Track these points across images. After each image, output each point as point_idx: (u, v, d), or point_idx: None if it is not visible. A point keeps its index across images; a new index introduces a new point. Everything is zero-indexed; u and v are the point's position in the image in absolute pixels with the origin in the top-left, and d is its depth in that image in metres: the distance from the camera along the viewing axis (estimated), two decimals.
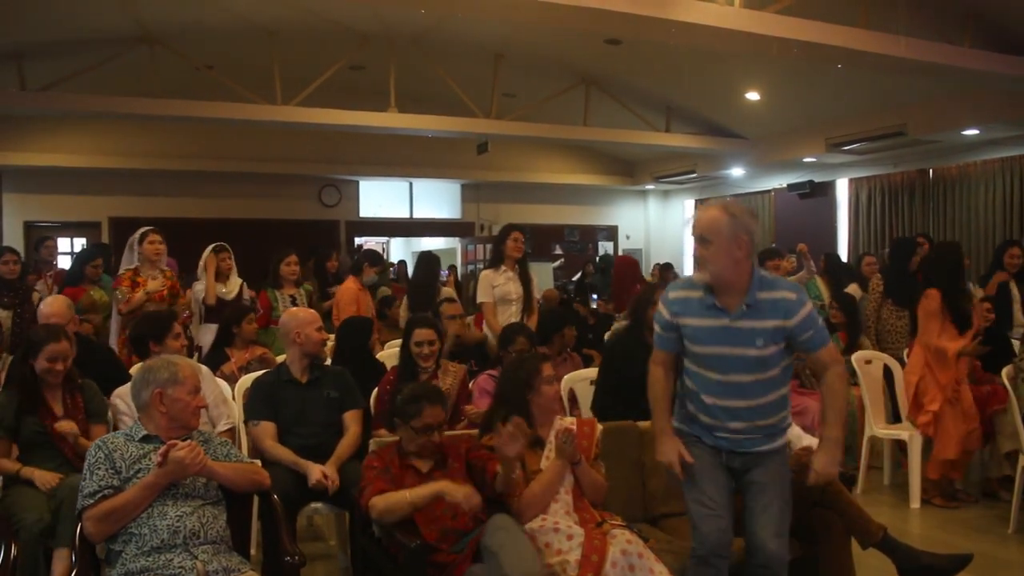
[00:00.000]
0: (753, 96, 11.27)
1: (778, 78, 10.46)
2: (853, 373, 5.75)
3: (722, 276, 3.05)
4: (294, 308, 4.53)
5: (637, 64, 10.86)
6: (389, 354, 5.81)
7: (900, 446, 5.95)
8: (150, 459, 2.81)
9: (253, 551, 3.20)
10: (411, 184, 15.06)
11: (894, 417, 6.01)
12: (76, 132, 12.27)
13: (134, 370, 4.11)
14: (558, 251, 15.89)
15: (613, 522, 3.29)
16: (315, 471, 3.84)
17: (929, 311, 5.43)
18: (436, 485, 3.23)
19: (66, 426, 3.72)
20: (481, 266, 11.43)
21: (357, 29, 10.22)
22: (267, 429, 4.09)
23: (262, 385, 4.30)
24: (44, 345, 3.77)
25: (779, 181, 13.53)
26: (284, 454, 3.99)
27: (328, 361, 4.81)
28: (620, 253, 15.93)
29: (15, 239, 12.49)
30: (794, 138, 11.96)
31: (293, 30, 10.11)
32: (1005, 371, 5.14)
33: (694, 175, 14.32)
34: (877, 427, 5.83)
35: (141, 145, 12.60)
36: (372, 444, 3.69)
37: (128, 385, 4.00)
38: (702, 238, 3.06)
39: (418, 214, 15.24)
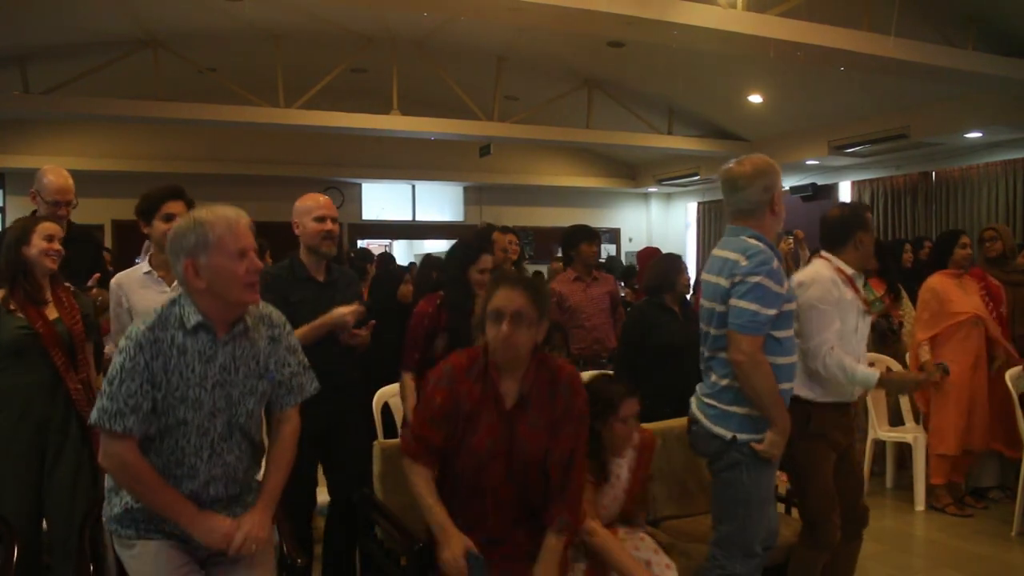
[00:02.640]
0: (756, 99, 11.27)
1: (781, 80, 10.45)
2: None
3: None
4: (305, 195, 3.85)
5: (640, 66, 10.86)
6: None
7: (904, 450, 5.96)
8: (196, 356, 2.31)
9: None
10: (414, 187, 15.07)
11: (896, 419, 6.01)
12: (80, 135, 12.28)
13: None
14: (559, 254, 15.84)
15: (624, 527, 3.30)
16: None
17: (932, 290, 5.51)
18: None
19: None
20: None
21: (359, 32, 10.23)
22: None
23: (275, 279, 3.58)
24: (39, 222, 3.38)
25: (783, 184, 13.51)
26: None
27: None
28: (622, 256, 15.94)
29: None
30: (797, 140, 11.94)
31: (295, 33, 10.13)
32: (1009, 373, 5.12)
33: (697, 178, 14.31)
34: (881, 430, 5.82)
35: (144, 148, 12.61)
36: (377, 446, 3.47)
37: (130, 271, 3.60)
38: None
39: (420, 217, 15.24)
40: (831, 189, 12.96)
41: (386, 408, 4.47)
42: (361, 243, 14.77)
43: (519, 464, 2.72)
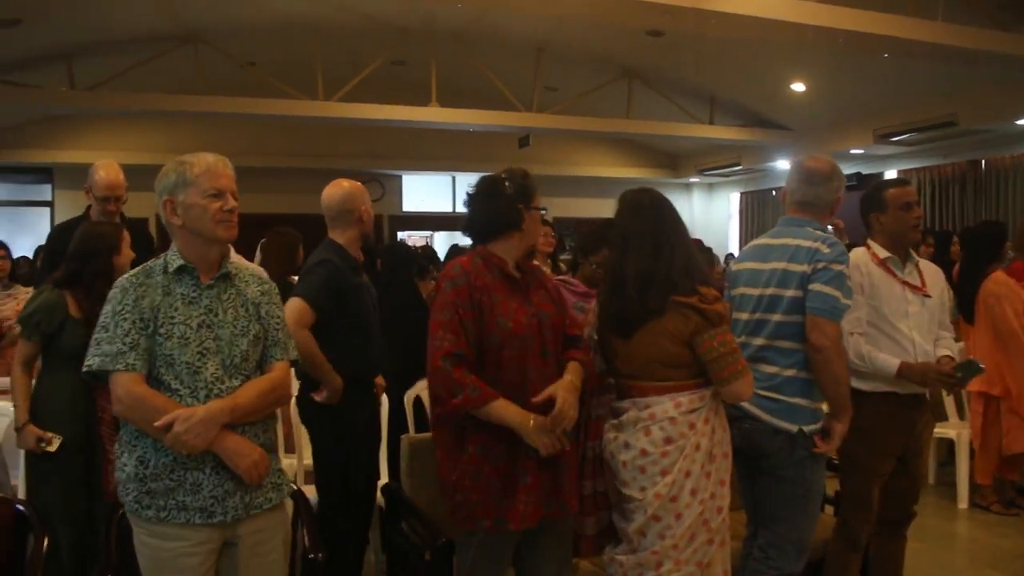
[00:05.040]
0: (799, 87, 11.08)
1: (824, 68, 10.27)
2: None
3: None
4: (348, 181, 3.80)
5: (680, 56, 10.74)
6: None
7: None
8: (179, 298, 2.36)
9: None
10: (454, 178, 15.08)
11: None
12: (126, 129, 12.45)
13: None
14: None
15: None
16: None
17: (998, 294, 5.23)
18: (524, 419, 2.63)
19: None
20: None
21: (397, 24, 10.25)
22: (305, 315, 3.37)
23: (336, 269, 3.52)
24: (122, 230, 3.41)
25: None
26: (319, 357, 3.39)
27: None
28: None
29: None
30: (841, 130, 11.74)
31: (334, 26, 10.16)
32: None
33: (739, 168, 14.14)
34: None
35: (187, 142, 12.48)
36: (405, 441, 3.46)
37: None
38: None
39: (461, 208, 15.17)
40: (876, 179, 12.71)
41: (418, 403, 4.47)
42: (401, 235, 14.84)
43: (549, 333, 2.79)
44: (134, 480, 2.32)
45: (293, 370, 2.66)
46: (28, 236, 12.24)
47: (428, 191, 14.99)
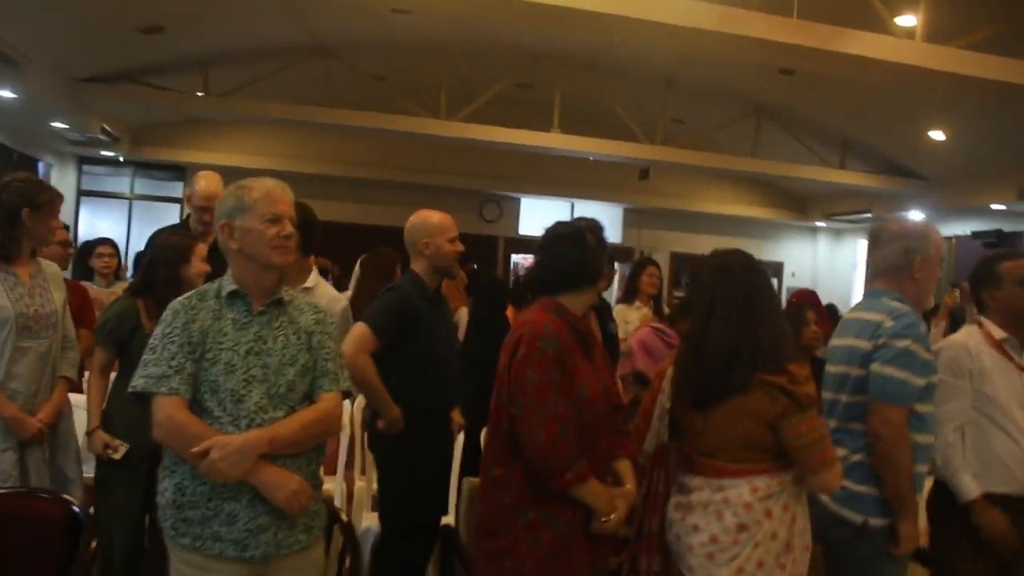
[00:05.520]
0: (937, 135, 10.53)
1: (967, 116, 9.72)
2: None
3: None
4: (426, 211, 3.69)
5: (812, 96, 10.40)
6: None
7: None
8: (230, 323, 2.34)
9: None
10: (572, 205, 14.99)
11: None
12: (255, 135, 12.92)
13: None
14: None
15: None
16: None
17: None
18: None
19: None
20: None
21: (526, 48, 10.25)
22: (367, 342, 3.34)
23: (408, 300, 3.48)
24: (197, 242, 3.46)
25: (963, 228, 12.58)
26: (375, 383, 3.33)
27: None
28: (783, 292, 15.31)
29: None
30: (981, 182, 11.07)
31: (462, 46, 10.27)
32: None
33: (869, 215, 13.55)
34: None
35: (314, 150, 13.10)
36: (467, 483, 3.29)
37: None
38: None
39: None
40: (1018, 238, 11.94)
41: None
42: (516, 258, 14.84)
43: (611, 400, 2.68)
44: (172, 507, 2.30)
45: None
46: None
47: (546, 215, 14.92)
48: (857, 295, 14.79)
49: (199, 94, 10.40)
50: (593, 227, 2.71)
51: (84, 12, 7.97)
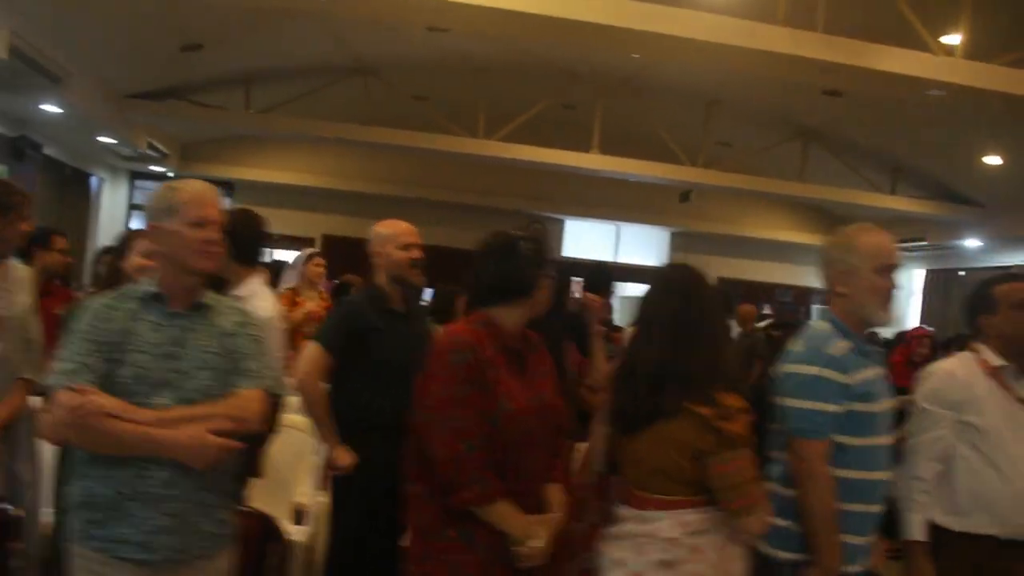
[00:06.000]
0: (994, 160, 10.14)
1: (1022, 140, 9.36)
2: None
3: None
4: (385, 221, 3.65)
5: (861, 119, 10.12)
6: None
7: None
8: (147, 325, 2.27)
9: None
10: (618, 228, 14.82)
11: None
12: (298, 152, 13.03)
13: None
14: (767, 311, 15.04)
15: None
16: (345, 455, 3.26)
17: None
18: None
19: None
20: None
21: (566, 68, 10.17)
22: (318, 360, 3.33)
23: (352, 311, 3.48)
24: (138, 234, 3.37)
25: (1022, 258, 12.11)
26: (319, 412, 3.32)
27: None
28: None
29: None
30: None
31: (501, 65, 10.23)
32: None
33: (924, 243, 13.11)
34: None
35: (355, 168, 13.17)
36: None
37: None
38: (894, 266, 2.62)
39: (623, 259, 14.94)
40: None
41: None
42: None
43: (548, 417, 2.50)
44: (80, 508, 2.23)
45: None
46: None
47: (591, 238, 14.78)
48: (910, 326, 14.33)
49: (246, 112, 10.52)
50: (531, 235, 2.55)
51: (126, 29, 8.08)
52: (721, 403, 2.26)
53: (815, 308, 15.38)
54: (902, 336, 8.13)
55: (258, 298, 3.34)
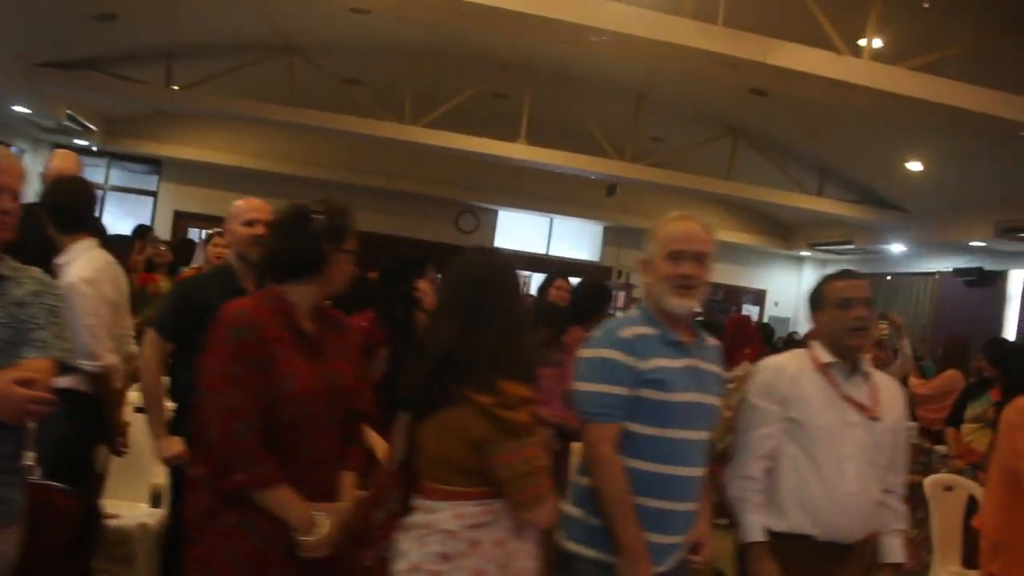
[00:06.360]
0: (915, 166, 10.20)
1: (943, 147, 9.42)
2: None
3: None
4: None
5: (787, 119, 10.13)
6: None
7: None
8: None
9: None
10: (551, 220, 14.75)
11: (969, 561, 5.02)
12: (229, 132, 12.76)
13: None
14: (696, 309, 15.05)
15: None
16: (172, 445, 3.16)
17: (1013, 423, 4.37)
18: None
19: None
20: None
21: (495, 57, 10.06)
22: (154, 348, 3.25)
23: (198, 286, 3.41)
24: None
25: (945, 264, 12.23)
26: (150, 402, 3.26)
27: None
28: (766, 320, 14.96)
29: (165, 226, 13.28)
30: (960, 217, 10.74)
31: (432, 51, 10.08)
32: None
33: (851, 246, 13.20)
34: (943, 570, 4.85)
35: (287, 150, 12.97)
36: None
37: None
38: (702, 255, 2.52)
39: (555, 252, 14.87)
40: (999, 277, 11.56)
41: None
42: None
43: (338, 400, 2.40)
44: None
45: None
46: (132, 223, 12.75)
47: (524, 230, 14.70)
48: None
49: (167, 87, 10.26)
50: (328, 208, 2.41)
51: None
52: (504, 391, 2.14)
53: (744, 307, 15.48)
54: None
55: (75, 264, 3.20)
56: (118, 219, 12.88)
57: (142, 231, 8.22)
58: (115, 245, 6.24)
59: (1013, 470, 4.19)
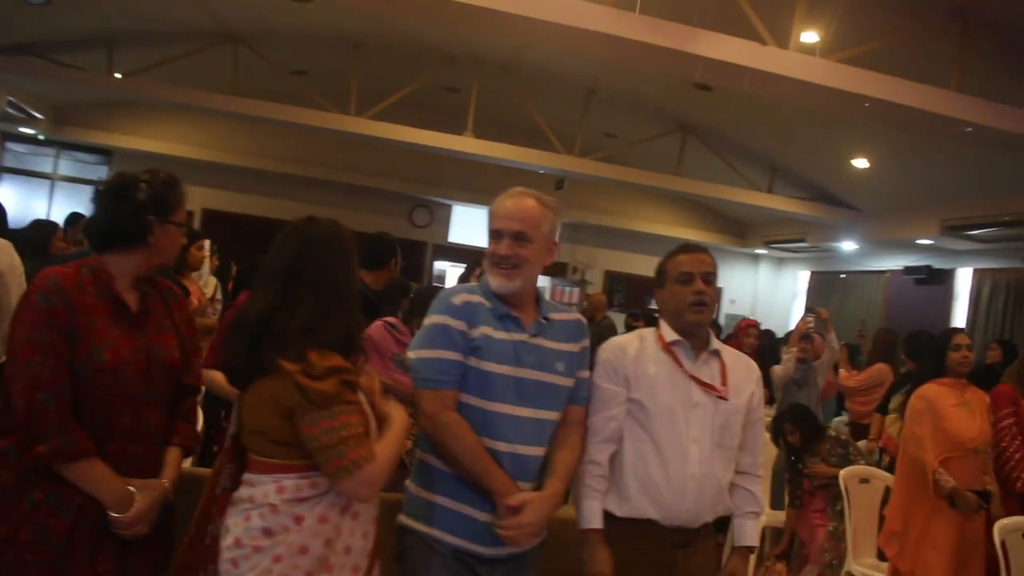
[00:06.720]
0: (861, 163, 10.17)
1: (886, 145, 9.38)
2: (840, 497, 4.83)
3: (527, 287, 2.47)
4: None
5: (734, 115, 10.06)
6: None
7: None
8: None
9: None
10: None
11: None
12: (180, 122, 12.59)
13: None
14: (652, 305, 15.02)
15: None
16: None
17: (917, 409, 4.33)
18: None
19: None
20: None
21: (441, 49, 9.95)
22: None
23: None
24: None
25: (896, 262, 12.23)
26: None
27: None
28: (722, 319, 14.92)
29: None
30: (907, 215, 10.72)
31: (377, 44, 9.98)
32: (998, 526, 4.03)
33: (804, 244, 13.18)
34: (856, 563, 4.81)
35: (240, 142, 12.81)
36: None
37: None
38: (520, 234, 2.44)
39: None
40: (947, 275, 11.56)
41: None
42: (441, 265, 14.50)
43: (159, 373, 2.34)
44: None
45: None
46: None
47: (478, 224, 14.57)
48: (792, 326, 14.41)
49: (108, 75, 10.08)
50: (154, 178, 2.35)
51: None
52: (311, 361, 2.06)
53: None
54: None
55: None
56: (67, 210, 12.67)
57: (74, 219, 8.08)
58: (29, 231, 6.12)
59: (914, 457, 4.18)
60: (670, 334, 2.66)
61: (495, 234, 2.47)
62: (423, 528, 2.40)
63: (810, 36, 6.70)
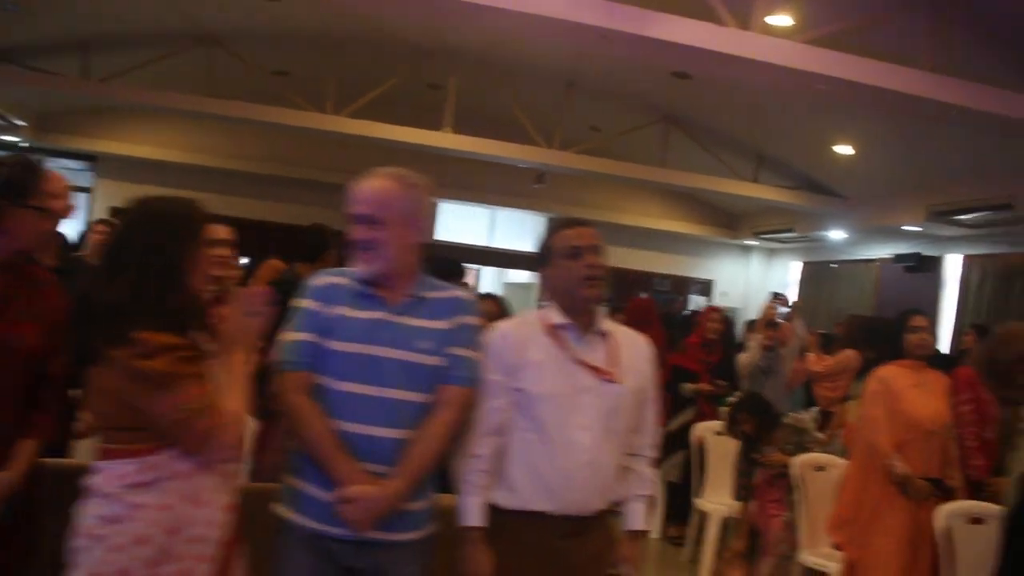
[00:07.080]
0: (845, 149, 10.04)
1: (869, 130, 9.26)
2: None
3: (391, 268, 2.41)
4: None
5: (716, 103, 9.95)
6: None
7: None
8: None
9: None
10: (493, 212, 14.56)
11: None
12: (164, 127, 12.53)
13: None
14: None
15: None
16: None
17: (873, 391, 4.23)
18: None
19: None
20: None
21: (419, 45, 9.86)
22: None
23: None
24: None
25: (886, 250, 12.08)
26: None
27: None
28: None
29: None
30: (894, 202, 10.58)
31: (353, 41, 9.89)
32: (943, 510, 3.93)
33: (793, 234, 13.05)
34: (811, 552, 4.68)
35: (223, 145, 12.74)
36: None
37: None
38: (369, 217, 2.41)
39: (500, 244, 14.66)
40: (936, 262, 11.42)
41: None
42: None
43: (9, 360, 2.33)
44: None
45: None
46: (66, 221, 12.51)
47: (466, 221, 14.49)
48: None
49: (84, 79, 9.98)
50: (8, 166, 2.34)
51: None
52: (142, 341, 1.98)
53: (692, 297, 15.33)
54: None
55: None
56: None
57: None
58: None
59: (868, 441, 4.08)
60: (555, 316, 2.57)
61: (350, 218, 2.45)
62: (285, 513, 2.38)
63: (781, 19, 6.61)
